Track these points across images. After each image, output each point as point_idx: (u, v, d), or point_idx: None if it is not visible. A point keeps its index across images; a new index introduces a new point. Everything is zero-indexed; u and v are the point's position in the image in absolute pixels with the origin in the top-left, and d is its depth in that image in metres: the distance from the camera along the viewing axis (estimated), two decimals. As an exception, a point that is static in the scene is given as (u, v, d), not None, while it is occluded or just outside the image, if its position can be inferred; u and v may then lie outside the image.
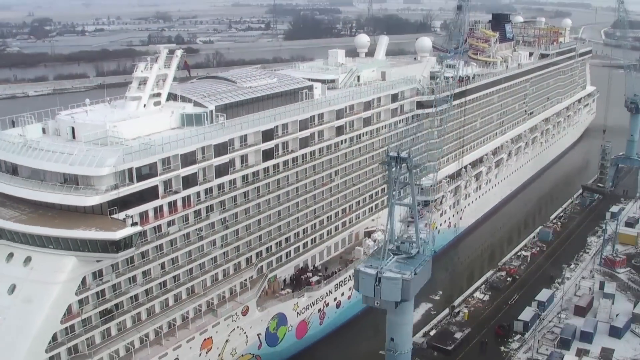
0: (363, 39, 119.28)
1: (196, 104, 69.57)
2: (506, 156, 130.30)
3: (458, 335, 79.70)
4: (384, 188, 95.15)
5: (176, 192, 61.56)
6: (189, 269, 64.56)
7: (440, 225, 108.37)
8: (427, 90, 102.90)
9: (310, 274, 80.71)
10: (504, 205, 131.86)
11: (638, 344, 78.38)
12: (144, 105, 67.53)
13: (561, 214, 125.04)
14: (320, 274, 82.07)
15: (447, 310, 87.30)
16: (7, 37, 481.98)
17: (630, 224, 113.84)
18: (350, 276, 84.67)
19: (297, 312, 76.38)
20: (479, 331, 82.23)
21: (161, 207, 60.18)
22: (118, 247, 53.15)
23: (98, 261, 55.24)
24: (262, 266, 73.69)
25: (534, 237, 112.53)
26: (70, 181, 56.31)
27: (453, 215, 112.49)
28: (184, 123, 67.17)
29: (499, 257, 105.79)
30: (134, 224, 55.44)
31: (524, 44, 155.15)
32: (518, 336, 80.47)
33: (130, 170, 56.62)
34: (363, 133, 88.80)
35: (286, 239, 77.22)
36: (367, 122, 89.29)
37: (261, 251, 73.56)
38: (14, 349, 51.66)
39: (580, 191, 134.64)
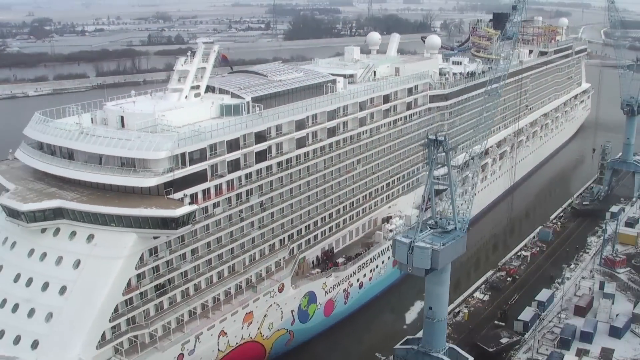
0: (375, 37, 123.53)
1: (234, 95, 73.67)
2: (509, 149, 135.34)
3: (504, 340, 77.28)
4: (400, 177, 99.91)
5: (222, 176, 65.61)
6: (230, 248, 68.58)
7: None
8: (439, 85, 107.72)
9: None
10: (507, 196, 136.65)
11: (638, 344, 78.12)
12: (185, 97, 71.70)
13: (561, 214, 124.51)
14: (344, 255, 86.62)
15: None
16: (7, 37, 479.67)
17: (630, 224, 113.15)
18: (371, 258, 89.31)
19: (325, 291, 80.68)
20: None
21: (209, 189, 64.24)
22: (177, 224, 57.30)
23: (155, 238, 59.19)
24: (293, 247, 77.93)
25: (534, 237, 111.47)
26: (128, 165, 60.20)
27: (461, 204, 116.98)
28: (223, 113, 71.16)
29: (499, 257, 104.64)
30: (190, 204, 59.53)
31: (523, 42, 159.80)
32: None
33: (183, 154, 60.67)
34: (382, 125, 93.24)
35: (314, 222, 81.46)
36: (385, 114, 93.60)
37: (292, 233, 77.79)
38: (81, 319, 55.50)
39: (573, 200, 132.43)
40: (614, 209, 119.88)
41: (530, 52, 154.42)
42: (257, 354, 72.35)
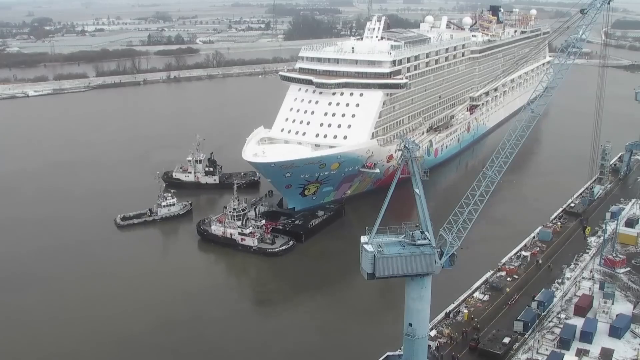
0: (430, 18, 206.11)
1: (395, 40, 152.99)
2: (509, 89, 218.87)
3: (506, 340, 79.00)
4: (458, 94, 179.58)
5: (403, 74, 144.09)
6: (412, 109, 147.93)
7: (480, 122, 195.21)
8: (474, 45, 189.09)
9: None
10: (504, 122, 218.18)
11: (638, 344, 78.92)
12: (374, 40, 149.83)
13: (561, 214, 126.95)
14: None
15: (445, 312, 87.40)
16: (7, 37, 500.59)
17: (630, 224, 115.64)
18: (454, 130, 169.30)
19: (436, 142, 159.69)
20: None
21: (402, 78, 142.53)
22: (402, 87, 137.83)
23: (386, 95, 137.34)
24: (426, 116, 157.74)
25: (534, 237, 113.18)
26: (371, 64, 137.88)
27: (485, 117, 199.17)
28: (403, 47, 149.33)
29: (499, 257, 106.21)
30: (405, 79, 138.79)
31: (509, 26, 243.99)
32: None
33: (394, 60, 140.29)
34: (451, 62, 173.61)
35: (428, 108, 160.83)
36: (453, 57, 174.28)
37: (424, 109, 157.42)
38: (364, 126, 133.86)
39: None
40: (614, 208, 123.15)
41: (515, 32, 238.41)
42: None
